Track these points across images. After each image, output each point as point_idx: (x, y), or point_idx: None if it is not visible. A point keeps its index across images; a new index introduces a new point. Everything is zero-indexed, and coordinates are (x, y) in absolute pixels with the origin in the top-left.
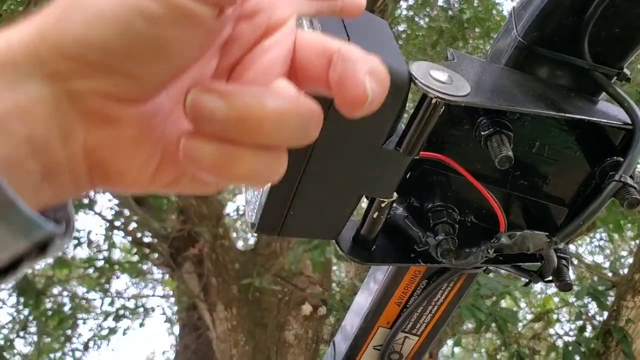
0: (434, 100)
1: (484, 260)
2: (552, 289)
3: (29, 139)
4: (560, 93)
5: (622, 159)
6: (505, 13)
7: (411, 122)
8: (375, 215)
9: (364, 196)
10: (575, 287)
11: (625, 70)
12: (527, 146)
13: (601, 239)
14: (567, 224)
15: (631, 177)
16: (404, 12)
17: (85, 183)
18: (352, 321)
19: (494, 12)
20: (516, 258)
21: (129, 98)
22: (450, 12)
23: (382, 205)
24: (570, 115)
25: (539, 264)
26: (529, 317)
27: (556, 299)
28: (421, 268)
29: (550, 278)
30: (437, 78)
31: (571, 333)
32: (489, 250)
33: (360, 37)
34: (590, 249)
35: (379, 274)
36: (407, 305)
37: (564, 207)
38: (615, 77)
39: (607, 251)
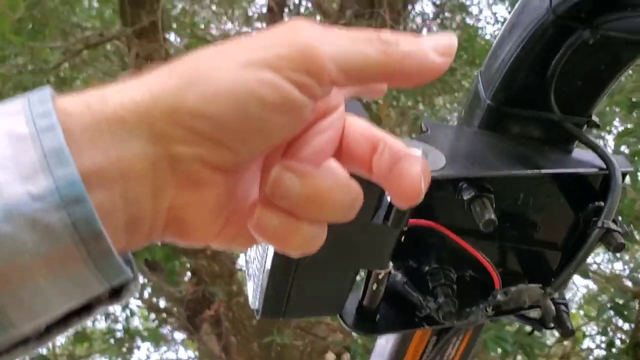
0: None
1: (485, 316)
2: (574, 306)
3: (124, 192)
4: (535, 148)
5: (604, 204)
6: (489, 37)
7: None
8: (374, 287)
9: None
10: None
11: (594, 118)
12: (512, 199)
13: None
14: (560, 272)
15: (614, 221)
16: None
17: (158, 235)
18: None
19: (478, 38)
20: (518, 307)
21: (223, 166)
22: None
23: (380, 276)
24: (545, 171)
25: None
26: (557, 333)
27: (581, 312)
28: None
29: (552, 325)
30: None
31: (603, 345)
32: (487, 309)
33: None
34: (608, 257)
35: None
36: None
37: (557, 251)
38: (586, 125)
39: (627, 257)
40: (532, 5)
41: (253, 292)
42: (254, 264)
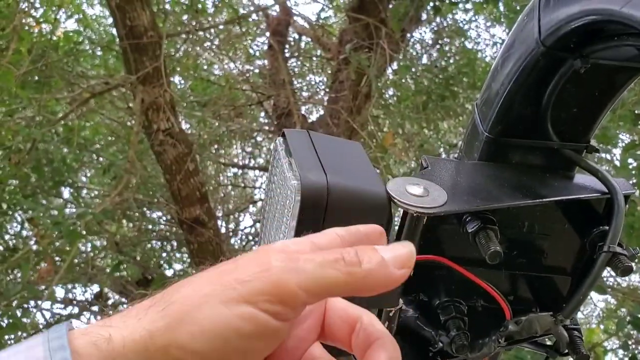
0: (415, 215)
1: (498, 347)
2: (594, 321)
3: None
4: (536, 176)
5: (608, 228)
6: (489, 59)
7: (399, 236)
8: (386, 325)
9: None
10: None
11: (593, 143)
12: (517, 228)
13: None
14: (570, 298)
15: (619, 244)
16: (391, 77)
17: None
18: None
19: (477, 61)
20: (531, 336)
21: None
22: (435, 69)
23: (391, 314)
24: (547, 200)
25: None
26: None
27: (602, 326)
28: None
29: (566, 351)
30: (413, 193)
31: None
32: (500, 340)
33: (334, 164)
34: None
35: None
36: None
37: (567, 275)
38: (585, 151)
39: None
40: (522, 38)
41: None
42: None
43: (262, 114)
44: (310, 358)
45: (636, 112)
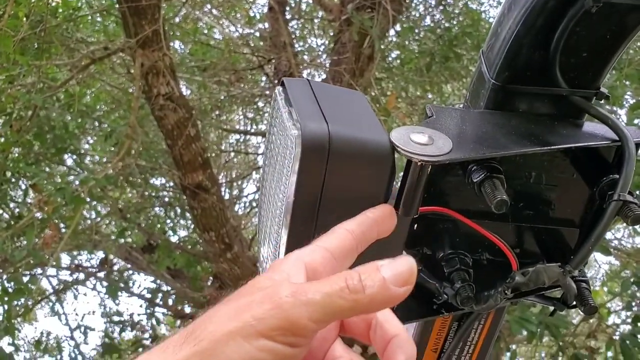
0: (419, 164)
1: (505, 299)
2: (597, 283)
3: None
4: (544, 124)
5: (618, 176)
6: (492, 20)
7: (403, 186)
8: None
9: None
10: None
11: (603, 89)
12: (524, 178)
13: None
14: (578, 249)
15: (630, 192)
16: (394, 39)
17: None
18: None
19: (482, 22)
20: (538, 288)
21: None
22: (439, 30)
23: None
24: (555, 147)
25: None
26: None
27: (605, 289)
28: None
29: (574, 303)
30: (417, 141)
31: (629, 320)
32: (506, 292)
33: (336, 112)
34: (628, 232)
35: None
36: (444, 350)
37: (575, 227)
38: (595, 97)
39: None
40: None
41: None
42: (267, 263)
43: (264, 78)
44: (332, 358)
45: None
